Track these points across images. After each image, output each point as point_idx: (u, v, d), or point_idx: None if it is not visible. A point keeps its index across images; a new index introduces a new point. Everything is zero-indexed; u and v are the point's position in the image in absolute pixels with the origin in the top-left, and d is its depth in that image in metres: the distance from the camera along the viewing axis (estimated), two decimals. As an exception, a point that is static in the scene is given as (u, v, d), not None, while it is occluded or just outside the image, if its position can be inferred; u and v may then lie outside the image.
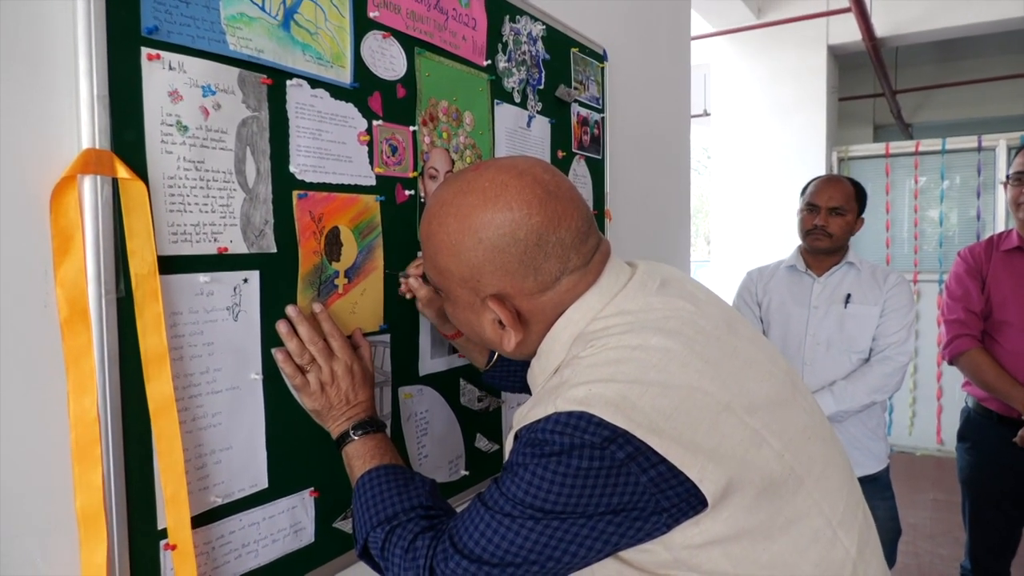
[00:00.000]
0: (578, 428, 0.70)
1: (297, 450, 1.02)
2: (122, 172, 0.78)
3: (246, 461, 0.95)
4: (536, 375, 0.88)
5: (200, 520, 0.89)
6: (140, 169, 0.81)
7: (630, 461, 0.69)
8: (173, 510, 0.84)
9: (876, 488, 2.09)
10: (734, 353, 0.80)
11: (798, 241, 2.25)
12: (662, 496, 0.70)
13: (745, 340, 0.84)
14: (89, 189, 0.77)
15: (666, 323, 0.79)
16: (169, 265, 0.84)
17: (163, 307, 0.82)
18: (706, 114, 5.82)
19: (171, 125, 0.84)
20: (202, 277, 0.88)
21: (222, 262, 0.91)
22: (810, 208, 2.16)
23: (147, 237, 0.81)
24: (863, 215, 2.19)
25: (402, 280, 1.12)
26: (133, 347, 0.81)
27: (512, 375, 1.23)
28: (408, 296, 1.14)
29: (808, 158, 4.93)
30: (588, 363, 0.76)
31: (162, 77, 0.83)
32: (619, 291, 0.84)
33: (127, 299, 0.80)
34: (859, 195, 2.16)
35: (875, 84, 6.24)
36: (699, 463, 0.70)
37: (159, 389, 0.82)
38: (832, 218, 2.12)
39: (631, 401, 0.71)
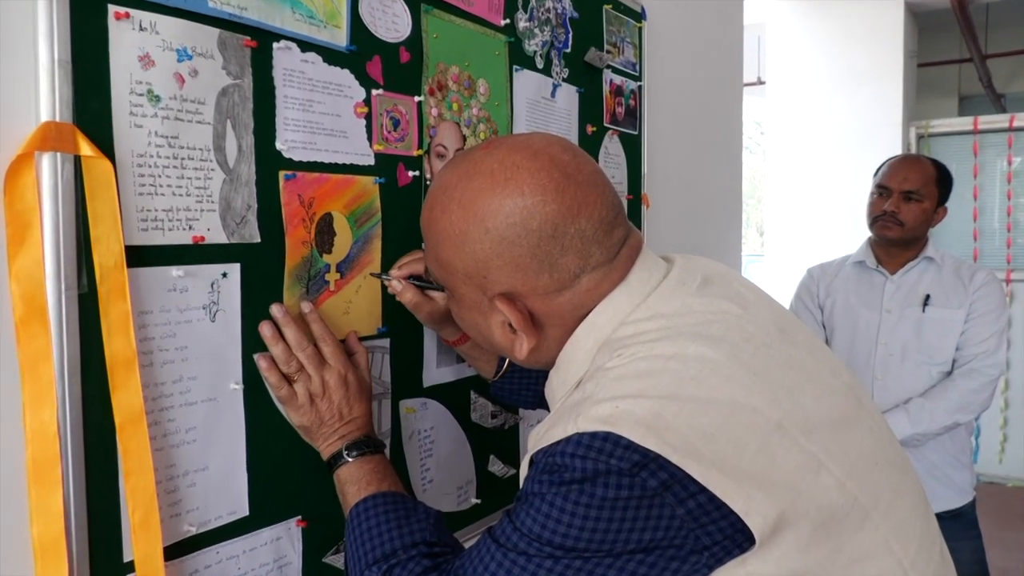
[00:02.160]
0: (603, 451, 0.70)
1: (282, 473, 1.03)
2: (85, 149, 0.79)
3: (224, 484, 0.96)
4: (555, 389, 0.89)
5: (171, 552, 0.90)
6: (106, 145, 0.82)
7: (664, 490, 0.70)
8: (142, 539, 0.85)
9: (959, 526, 2.08)
10: (788, 364, 0.81)
11: (868, 232, 2.24)
12: (702, 532, 0.71)
13: (802, 348, 0.85)
14: (48, 168, 0.78)
15: (707, 328, 0.79)
16: (137, 256, 0.86)
17: (131, 305, 0.84)
18: (760, 83, 5.78)
19: (141, 95, 0.85)
20: (175, 271, 0.89)
21: (198, 253, 0.92)
22: (880, 191, 2.15)
23: (113, 224, 0.82)
24: (946, 204, 2.17)
25: (386, 283, 1.13)
26: (96, 351, 0.82)
27: (525, 388, 1.24)
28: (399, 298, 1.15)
29: (881, 135, 4.89)
30: (615, 375, 0.76)
31: (131, 39, 0.84)
32: (652, 291, 0.84)
33: (89, 296, 0.81)
34: (941, 179, 2.15)
35: (961, 48, 6.16)
36: (745, 493, 0.70)
37: (126, 400, 0.84)
38: (906, 204, 2.11)
39: (665, 420, 0.71)
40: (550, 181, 0.81)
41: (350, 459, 0.98)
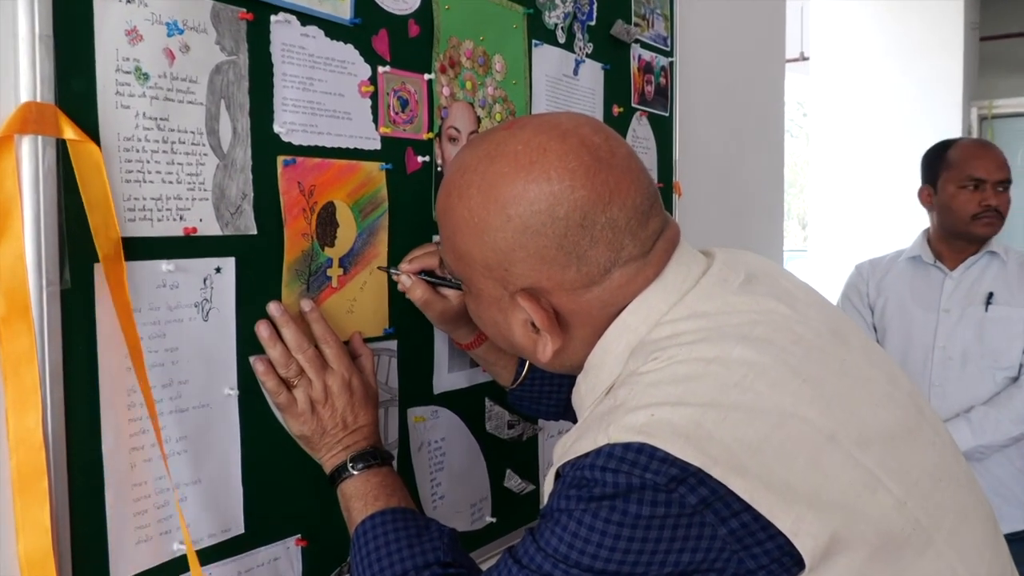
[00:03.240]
0: (637, 464, 0.71)
1: (281, 486, 1.04)
2: (69, 132, 0.80)
3: (218, 499, 0.97)
4: (583, 396, 0.89)
5: (159, 572, 0.91)
6: (90, 128, 0.83)
7: (704, 508, 0.70)
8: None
9: (1027, 549, 2.07)
10: (841, 369, 0.81)
11: (923, 224, 2.24)
12: (746, 554, 0.71)
13: (856, 352, 0.85)
14: (28, 153, 0.79)
15: (752, 329, 0.80)
16: (123, 249, 0.86)
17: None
18: (803, 59, 5.75)
19: (128, 72, 0.86)
20: (164, 265, 0.90)
21: (190, 246, 0.93)
22: (975, 184, 2.12)
23: (108, 211, 0.83)
24: (1008, 191, 2.19)
25: (395, 277, 1.13)
26: (79, 352, 0.83)
27: (547, 396, 1.24)
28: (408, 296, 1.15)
29: (938, 116, 4.86)
30: (650, 380, 0.77)
31: (118, 12, 0.85)
32: (690, 288, 0.85)
33: (72, 292, 0.82)
34: (1006, 164, 2.16)
35: (1029, 18, 6.11)
36: (794, 512, 0.70)
37: (144, 391, 0.86)
38: (1001, 195, 2.12)
39: (706, 430, 0.71)
40: (580, 165, 0.81)
41: (355, 472, 0.98)
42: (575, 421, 0.93)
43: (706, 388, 0.74)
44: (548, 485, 0.81)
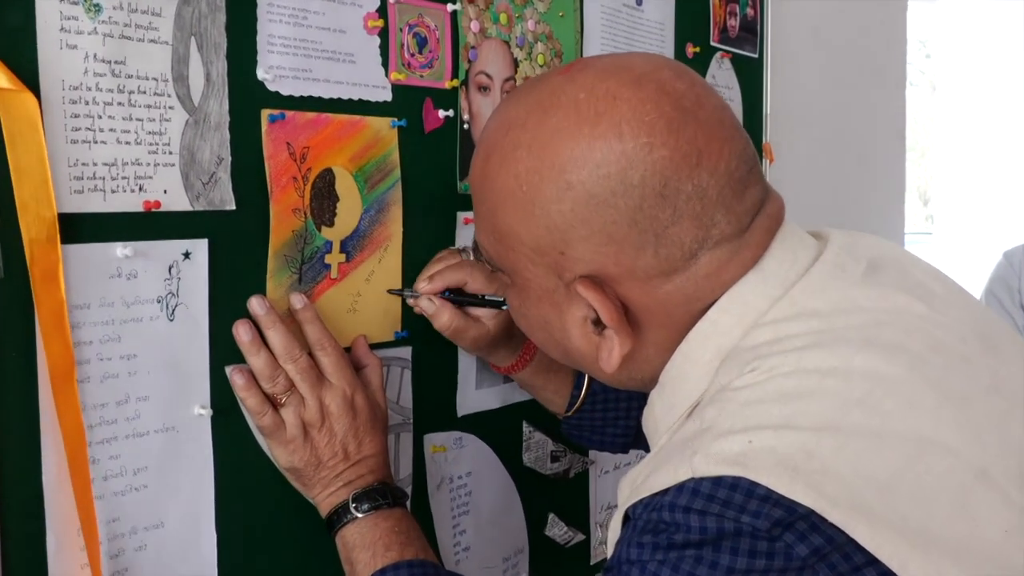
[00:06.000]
0: (731, 504, 0.70)
1: (265, 532, 1.05)
2: (1, 79, 0.81)
3: (186, 547, 0.98)
4: (658, 418, 0.89)
5: (113, 640, 0.92)
6: (27, 74, 0.84)
7: (818, 561, 0.69)
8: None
9: None
10: (994, 386, 0.80)
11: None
12: (872, 621, 0.71)
13: (1012, 364, 0.84)
14: (-49, 106, 0.80)
15: (879, 333, 0.79)
16: (68, 228, 0.87)
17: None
18: (927, -15, 5.71)
19: (75, 3, 0.86)
20: (120, 249, 0.91)
21: (151, 225, 0.93)
22: None
23: (43, 182, 0.83)
24: None
25: (411, 301, 1.14)
26: (11, 359, 0.84)
27: (611, 423, 1.24)
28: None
29: (1104, 59, 4.81)
30: (747, 398, 0.76)
31: (62, -75, 0.86)
32: (797, 279, 0.84)
33: (5, 283, 0.83)
34: None
35: None
36: (935, 567, 0.70)
37: (65, 424, 0.85)
38: None
39: (820, 461, 0.71)
40: (660, 118, 0.81)
41: (359, 514, 0.99)
42: (650, 448, 0.93)
43: (820, 408, 0.74)
44: (613, 532, 0.81)
